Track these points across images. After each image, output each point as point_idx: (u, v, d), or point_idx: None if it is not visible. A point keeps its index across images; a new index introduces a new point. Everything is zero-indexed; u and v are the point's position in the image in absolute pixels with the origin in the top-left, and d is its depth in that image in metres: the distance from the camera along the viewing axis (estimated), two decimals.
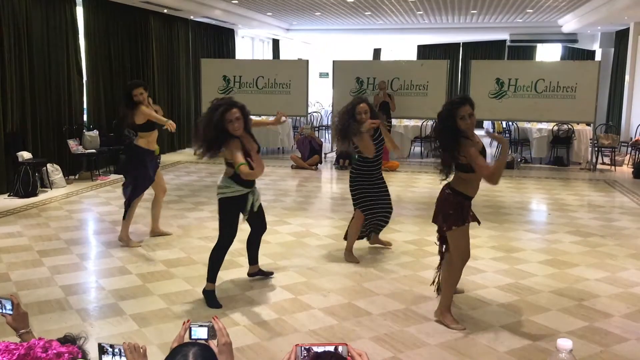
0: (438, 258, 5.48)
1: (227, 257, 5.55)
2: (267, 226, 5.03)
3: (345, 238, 5.74)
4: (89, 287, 4.89)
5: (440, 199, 4.19)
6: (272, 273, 5.13)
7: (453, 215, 4.06)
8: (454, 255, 4.20)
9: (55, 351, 1.56)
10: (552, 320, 4.21)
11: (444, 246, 4.38)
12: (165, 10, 12.14)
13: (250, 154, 4.27)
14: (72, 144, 9.37)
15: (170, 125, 5.74)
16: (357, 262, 5.51)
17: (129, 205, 5.94)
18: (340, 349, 1.66)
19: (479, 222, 4.44)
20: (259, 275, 5.06)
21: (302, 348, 1.67)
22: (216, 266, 4.58)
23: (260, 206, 4.74)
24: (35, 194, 8.19)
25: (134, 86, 5.83)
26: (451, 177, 4.19)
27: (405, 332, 4.01)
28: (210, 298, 4.50)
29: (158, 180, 6.17)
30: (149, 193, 6.23)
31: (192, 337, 1.91)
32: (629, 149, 12.09)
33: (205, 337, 1.92)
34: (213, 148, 4.32)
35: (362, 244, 6.07)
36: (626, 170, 11.31)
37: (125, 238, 5.96)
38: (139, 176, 5.91)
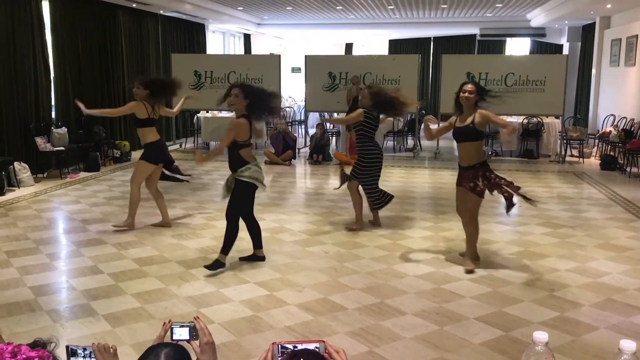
0: (412, 251, 5.68)
1: (199, 254, 5.57)
2: (240, 222, 5.18)
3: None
4: (59, 287, 4.80)
5: None
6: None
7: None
8: None
9: (24, 356, 1.52)
10: (524, 311, 4.28)
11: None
12: (134, 5, 11.94)
13: None
14: (40, 142, 9.17)
15: None
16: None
17: None
18: (317, 346, 1.65)
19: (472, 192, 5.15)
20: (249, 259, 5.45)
21: (279, 346, 1.66)
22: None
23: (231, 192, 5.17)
24: (2, 193, 8.00)
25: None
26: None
27: (380, 326, 4.02)
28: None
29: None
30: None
31: (174, 337, 1.87)
32: (597, 141, 12.32)
33: (187, 337, 1.88)
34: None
35: (339, 238, 6.08)
36: (594, 162, 11.54)
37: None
38: None
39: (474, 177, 5.11)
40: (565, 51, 16.82)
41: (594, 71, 13.99)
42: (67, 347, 1.85)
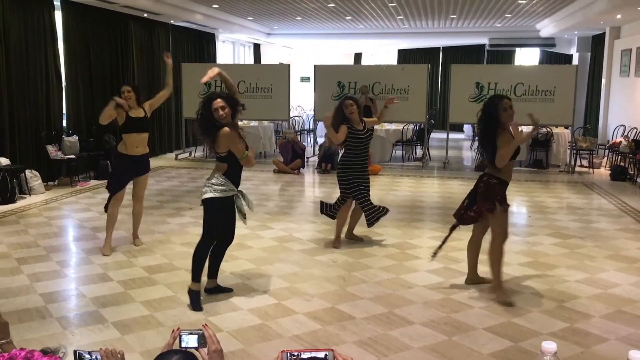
0: (421, 261, 5.64)
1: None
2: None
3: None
4: (69, 294, 4.83)
5: (487, 188, 4.71)
6: (231, 290, 4.82)
7: (502, 200, 4.70)
8: (497, 235, 4.75)
9: None
10: (533, 322, 4.26)
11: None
12: (146, 15, 12.06)
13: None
14: (51, 150, 9.25)
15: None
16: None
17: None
18: (326, 354, 1.66)
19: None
20: (217, 291, 4.76)
21: (288, 354, 1.67)
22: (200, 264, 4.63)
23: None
24: (13, 201, 8.07)
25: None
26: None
27: (388, 335, 4.02)
28: (193, 299, 4.49)
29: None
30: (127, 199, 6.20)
31: (182, 345, 1.89)
32: (606, 151, 12.27)
33: (196, 345, 1.90)
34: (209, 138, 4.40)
35: (348, 247, 6.08)
36: (604, 172, 11.48)
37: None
38: (109, 178, 6.31)
39: None
40: (575, 61, 16.78)
41: (604, 81, 13.94)
42: (75, 351, 1.87)
